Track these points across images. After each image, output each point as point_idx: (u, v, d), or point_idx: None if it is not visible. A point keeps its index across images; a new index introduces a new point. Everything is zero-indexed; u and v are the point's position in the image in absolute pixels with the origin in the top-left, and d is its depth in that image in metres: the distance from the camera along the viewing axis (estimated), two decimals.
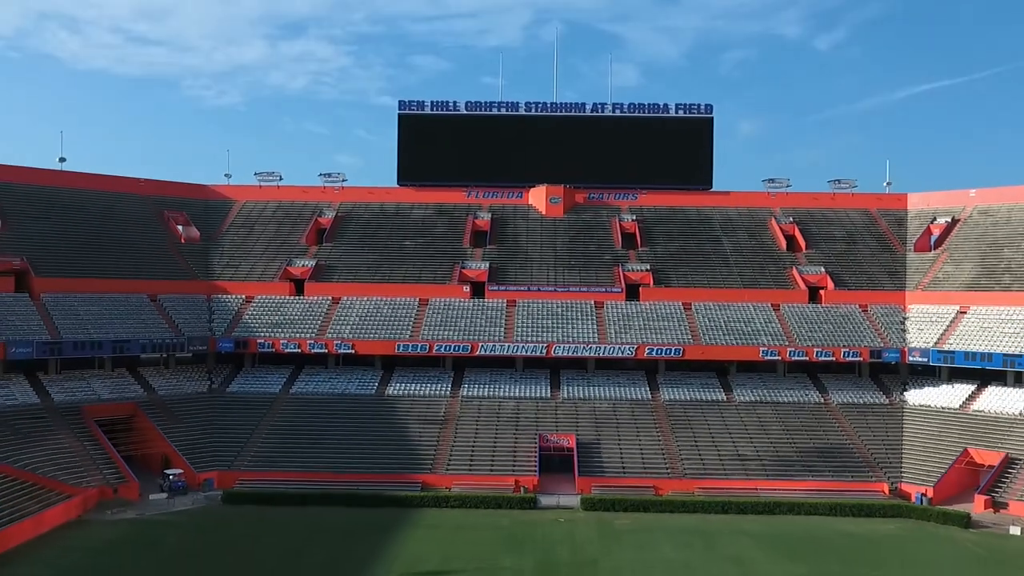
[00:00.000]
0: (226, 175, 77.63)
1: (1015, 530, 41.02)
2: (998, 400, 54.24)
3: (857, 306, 62.89)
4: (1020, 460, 47.70)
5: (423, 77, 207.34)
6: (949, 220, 70.26)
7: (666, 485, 47.63)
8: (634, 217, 72.91)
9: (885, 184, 77.08)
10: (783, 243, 70.22)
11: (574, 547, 37.94)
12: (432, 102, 75.69)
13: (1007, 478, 46.73)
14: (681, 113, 75.52)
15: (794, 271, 66.27)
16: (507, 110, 75.86)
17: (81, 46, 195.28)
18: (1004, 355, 53.37)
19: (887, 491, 47.26)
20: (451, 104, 75.82)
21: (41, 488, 41.88)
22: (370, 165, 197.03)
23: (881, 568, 35.56)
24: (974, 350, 54.96)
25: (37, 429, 47.82)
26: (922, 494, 46.39)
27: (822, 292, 64.28)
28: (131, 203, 69.39)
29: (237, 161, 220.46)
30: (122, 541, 38.30)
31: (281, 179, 75.88)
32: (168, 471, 47.13)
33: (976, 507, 44.81)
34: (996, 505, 44.87)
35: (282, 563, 35.02)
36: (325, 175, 75.95)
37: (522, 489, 46.59)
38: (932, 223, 70.83)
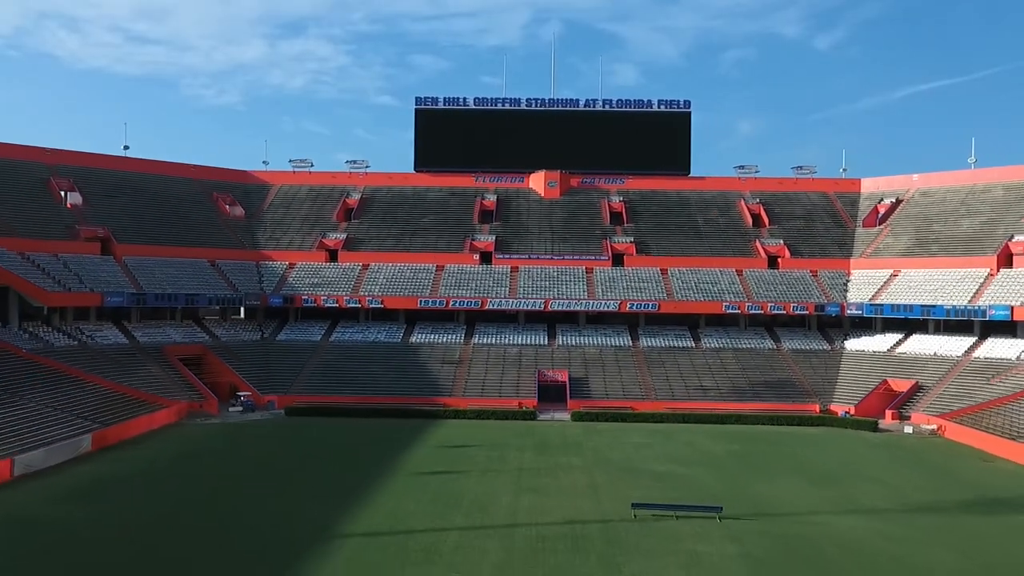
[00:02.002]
0: (264, 162, 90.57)
1: (908, 429, 53.78)
2: (918, 344, 67.00)
3: (808, 271, 75.58)
4: (926, 387, 60.37)
5: (422, 76, 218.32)
6: (894, 200, 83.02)
7: (640, 406, 60.13)
8: (621, 198, 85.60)
9: (841, 170, 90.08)
10: (749, 220, 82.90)
11: (564, 437, 50.58)
12: (444, 98, 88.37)
13: (914, 399, 59.40)
14: (663, 108, 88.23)
15: (757, 243, 78.96)
16: (510, 105, 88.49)
17: (80, 45, 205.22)
18: (922, 306, 66.10)
19: (818, 410, 59.74)
20: (461, 100, 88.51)
21: (145, 401, 54.37)
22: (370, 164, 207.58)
23: (799, 449, 48.05)
24: (899, 303, 67.69)
25: (132, 362, 60.42)
26: (846, 411, 58.92)
27: (779, 260, 76.96)
28: (185, 185, 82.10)
29: (240, 159, 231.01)
30: (216, 434, 50.80)
31: (312, 166, 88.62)
32: (239, 393, 59.79)
33: (886, 419, 57.44)
34: (902, 417, 57.46)
35: (344, 444, 47.50)
36: (351, 162, 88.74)
37: (523, 407, 59.09)
38: (879, 203, 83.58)
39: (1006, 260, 67.99)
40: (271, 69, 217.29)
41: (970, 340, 64.94)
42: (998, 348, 62.63)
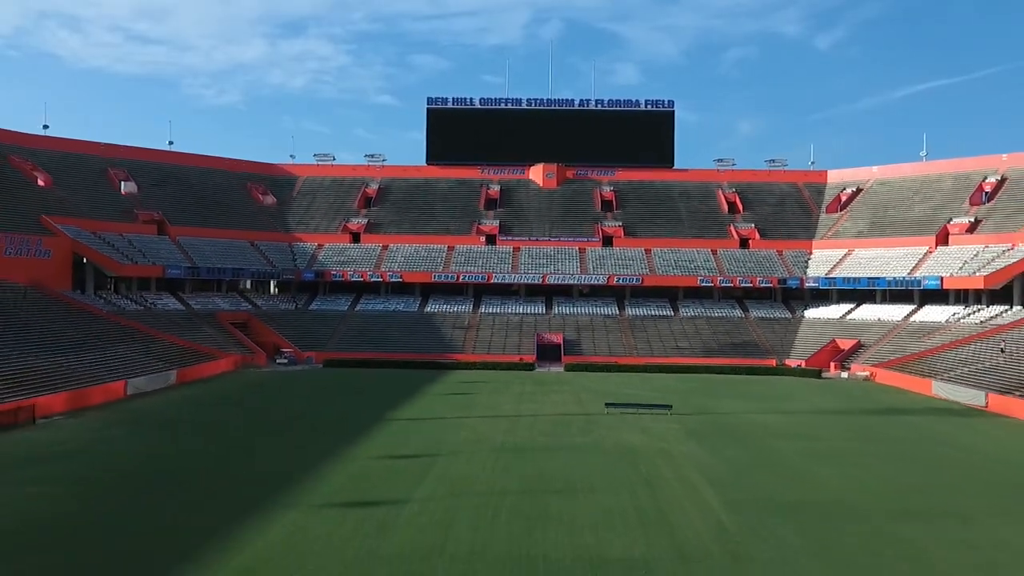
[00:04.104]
0: (291, 156, 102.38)
1: (844, 375, 65.57)
2: (866, 312, 78.79)
3: (775, 251, 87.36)
4: (867, 344, 72.08)
5: (423, 76, 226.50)
6: (855, 189, 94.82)
7: (624, 360, 71.69)
8: (612, 188, 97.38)
9: (810, 163, 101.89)
10: (725, 207, 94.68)
11: (558, 378, 62.42)
12: (453, 98, 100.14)
13: (855, 354, 71.12)
14: (649, 107, 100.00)
15: (731, 227, 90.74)
16: (512, 105, 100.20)
17: (81, 44, 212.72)
18: (868, 278, 77.94)
19: (775, 363, 71.36)
20: (468, 100, 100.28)
21: (207, 353, 66.04)
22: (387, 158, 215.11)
23: (747, 386, 59.71)
24: (849, 276, 79.50)
25: (190, 325, 72.07)
26: (798, 364, 70.60)
27: (750, 241, 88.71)
28: (223, 176, 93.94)
29: (241, 157, 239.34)
30: (269, 377, 62.42)
31: (334, 159, 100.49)
32: (283, 350, 71.55)
33: (830, 370, 69.15)
34: (843, 368, 69.15)
35: (380, 381, 59.18)
36: (369, 156, 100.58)
37: (523, 361, 70.76)
38: (842, 192, 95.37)
39: (944, 239, 79.88)
40: (271, 69, 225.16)
41: (909, 307, 76.69)
42: (932, 314, 74.35)
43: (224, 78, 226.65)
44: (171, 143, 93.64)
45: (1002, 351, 58.43)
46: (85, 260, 71.49)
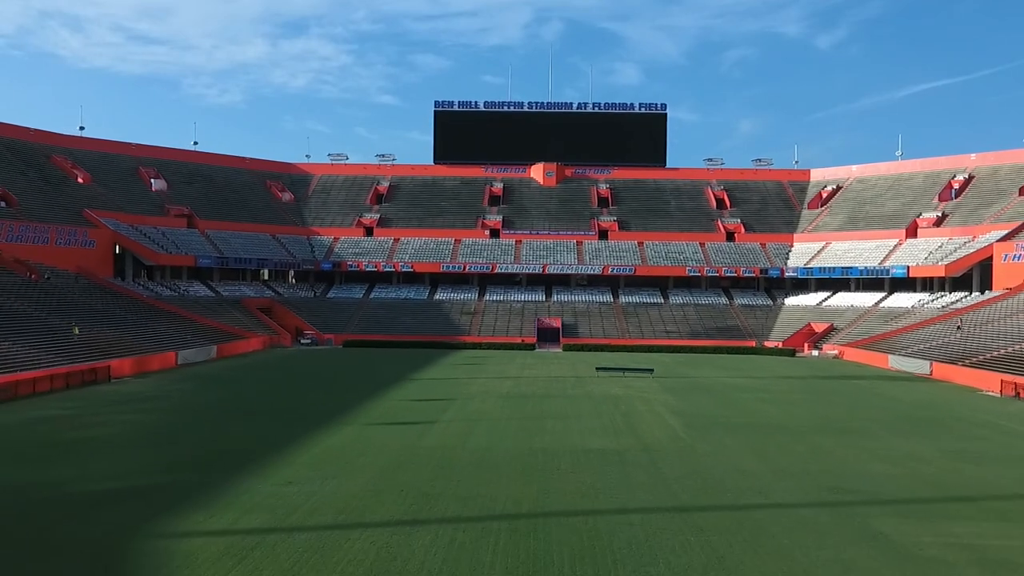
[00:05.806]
0: (306, 156, 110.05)
1: (815, 353, 73.17)
2: (841, 299, 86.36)
3: (759, 243, 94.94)
4: (839, 328, 79.60)
5: (424, 76, 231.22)
6: (835, 187, 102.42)
7: (617, 342, 79.32)
8: (608, 186, 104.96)
9: (794, 162, 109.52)
10: (714, 204, 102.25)
11: (557, 356, 70.01)
12: (459, 102, 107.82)
13: (828, 336, 78.65)
14: (643, 110, 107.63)
15: (718, 221, 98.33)
16: (514, 107, 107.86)
17: (83, 44, 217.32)
18: (842, 268, 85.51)
19: (754, 344, 78.90)
20: (473, 103, 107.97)
21: (238, 334, 73.61)
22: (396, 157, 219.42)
23: (726, 361, 67.21)
24: (824, 266, 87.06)
25: (220, 309, 79.60)
26: (776, 345, 78.13)
27: (736, 235, 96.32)
28: (244, 174, 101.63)
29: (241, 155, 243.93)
30: (294, 354, 69.98)
31: (347, 159, 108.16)
32: (305, 332, 79.13)
33: (804, 349, 76.68)
34: (816, 348, 76.68)
35: (397, 356, 66.74)
36: (380, 156, 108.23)
37: (524, 342, 78.32)
38: (823, 189, 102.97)
39: (913, 232, 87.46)
40: (273, 68, 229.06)
41: (880, 294, 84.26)
42: (900, 300, 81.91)
43: (226, 77, 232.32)
44: (196, 143, 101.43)
45: (958, 328, 65.88)
46: (118, 249, 79.12)
